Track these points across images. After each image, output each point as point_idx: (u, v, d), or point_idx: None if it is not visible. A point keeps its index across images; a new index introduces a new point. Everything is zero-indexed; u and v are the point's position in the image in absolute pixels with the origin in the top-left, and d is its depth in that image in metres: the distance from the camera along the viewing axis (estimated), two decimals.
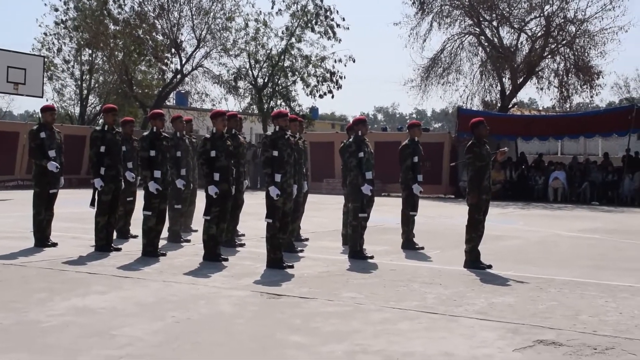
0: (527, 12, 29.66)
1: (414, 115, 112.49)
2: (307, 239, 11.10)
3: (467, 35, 30.72)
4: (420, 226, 11.02)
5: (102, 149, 9.53)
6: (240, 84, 33.40)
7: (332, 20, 31.64)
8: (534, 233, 13.33)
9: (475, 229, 8.81)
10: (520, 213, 18.45)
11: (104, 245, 9.49)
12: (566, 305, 6.60)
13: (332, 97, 32.77)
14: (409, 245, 10.40)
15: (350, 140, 9.60)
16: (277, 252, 8.40)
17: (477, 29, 30.26)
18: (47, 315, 5.87)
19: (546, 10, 29.11)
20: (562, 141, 35.10)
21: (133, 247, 9.87)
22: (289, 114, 8.97)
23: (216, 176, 8.75)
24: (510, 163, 24.74)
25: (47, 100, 32.66)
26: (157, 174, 9.12)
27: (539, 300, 6.82)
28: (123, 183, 10.12)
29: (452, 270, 8.61)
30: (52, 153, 9.81)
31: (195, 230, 11.52)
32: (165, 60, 34.19)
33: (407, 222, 10.51)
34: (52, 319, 5.76)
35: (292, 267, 8.39)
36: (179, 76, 34.15)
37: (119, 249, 9.61)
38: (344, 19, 32.20)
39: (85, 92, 35.55)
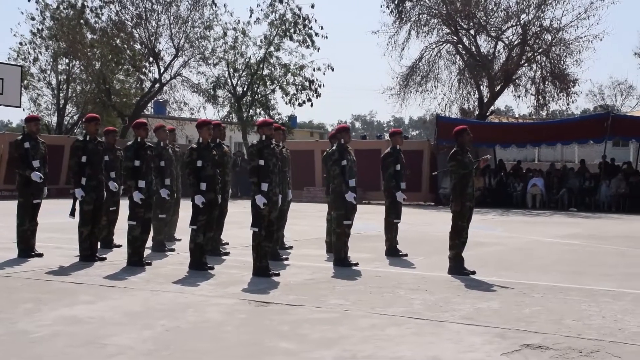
0: (504, 20, 30.00)
1: (392, 123, 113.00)
2: (291, 247, 11.14)
3: (445, 44, 30.99)
4: (403, 233, 11.11)
5: (84, 158, 9.50)
6: (219, 92, 33.40)
7: (311, 28, 31.78)
8: (515, 239, 13.48)
9: (458, 236, 8.91)
10: (500, 219, 18.63)
11: (88, 255, 9.47)
12: (550, 310, 6.71)
13: (312, 105, 32.87)
14: (393, 252, 10.48)
15: (334, 148, 9.67)
16: (263, 261, 8.44)
17: (454, 38, 30.53)
18: (35, 326, 5.87)
19: (522, 19, 29.47)
20: (539, 148, 35.51)
21: (118, 257, 9.85)
22: (274, 122, 9.03)
23: (203, 186, 8.77)
24: (489, 170, 24.98)
25: (23, 110, 32.47)
26: (142, 183, 9.13)
27: (523, 305, 6.93)
28: (106, 193, 10.09)
29: (437, 276, 8.70)
30: (36, 163, 9.77)
31: (179, 240, 11.52)
32: (144, 70, 34.11)
33: (391, 229, 10.60)
34: (41, 329, 5.75)
35: (278, 275, 8.44)
36: (157, 85, 34.06)
37: (103, 259, 9.60)
38: (322, 28, 32.38)
39: (62, 101, 35.31)
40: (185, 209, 9.76)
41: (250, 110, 32.68)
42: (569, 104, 30.90)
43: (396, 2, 30.36)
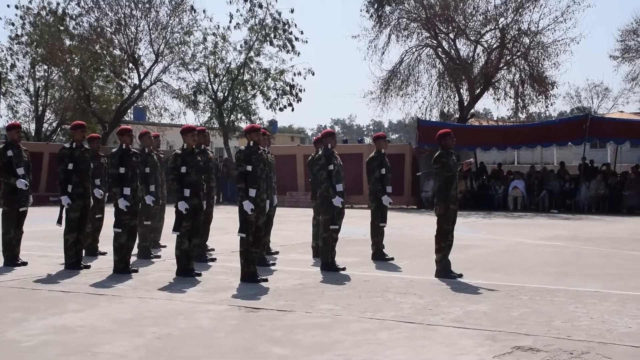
0: (483, 24, 30.21)
1: (372, 127, 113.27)
2: (277, 252, 11.13)
3: (424, 48, 31.13)
4: (387, 237, 11.10)
5: (70, 166, 9.46)
6: (200, 98, 33.27)
7: (291, 33, 31.75)
8: (499, 242, 13.56)
9: (444, 239, 8.96)
10: (483, 222, 18.73)
11: (73, 263, 9.40)
12: (539, 312, 6.77)
13: (292, 110, 32.83)
14: (379, 256, 10.51)
15: (320, 153, 9.70)
16: (251, 266, 8.43)
17: (434, 42, 30.69)
18: (25, 335, 5.82)
19: (501, 22, 29.69)
20: (518, 150, 35.76)
21: (103, 265, 9.77)
22: (261, 128, 9.02)
23: (186, 192, 8.74)
24: (470, 173, 25.11)
25: (1, 117, 32.13)
26: (127, 190, 9.08)
27: (512, 308, 6.98)
28: (92, 200, 10.03)
29: (424, 280, 8.73)
30: (20, 171, 9.69)
31: (164, 246, 11.48)
32: (123, 76, 33.92)
33: (377, 233, 10.63)
34: (31, 339, 5.70)
35: (266, 280, 8.43)
36: (137, 91, 33.88)
37: (88, 267, 9.53)
38: (302, 32, 32.35)
39: (41, 108, 34.99)
40: (170, 216, 9.72)
41: (232, 116, 32.59)
42: (548, 107, 31.22)
43: (375, 7, 30.48)
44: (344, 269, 9.38)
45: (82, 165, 9.55)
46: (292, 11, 32.29)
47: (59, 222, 9.58)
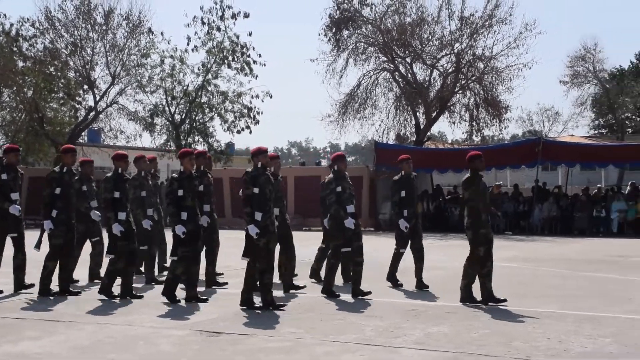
0: (439, 49, 30.67)
1: (329, 149, 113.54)
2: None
3: (382, 72, 31.47)
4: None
5: (58, 190, 9.21)
6: (157, 120, 33.03)
7: (249, 56, 31.80)
8: (457, 263, 13.62)
9: (475, 264, 8.77)
10: (440, 244, 18.90)
11: (47, 291, 9.10)
12: (499, 333, 6.86)
13: (250, 132, 32.78)
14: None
15: (330, 176, 9.51)
16: (249, 293, 8.24)
17: (391, 65, 31.05)
18: None
19: (456, 47, 30.19)
20: None
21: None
22: (268, 150, 8.82)
23: (184, 215, 8.57)
24: (427, 195, 25.39)
25: None
26: (122, 215, 8.91)
27: (472, 329, 7.06)
28: (88, 223, 10.09)
29: (386, 302, 8.78)
30: (15, 196, 9.38)
31: None
32: (78, 98, 33.53)
33: (397, 259, 10.47)
34: None
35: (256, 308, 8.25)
36: (92, 113, 33.51)
37: (77, 293, 9.26)
38: (260, 55, 32.40)
39: None
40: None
41: (189, 138, 32.41)
42: (502, 130, 31.75)
43: (334, 31, 30.77)
44: (338, 295, 9.11)
45: (68, 190, 9.31)
46: (250, 34, 32.24)
47: (37, 246, 9.34)
